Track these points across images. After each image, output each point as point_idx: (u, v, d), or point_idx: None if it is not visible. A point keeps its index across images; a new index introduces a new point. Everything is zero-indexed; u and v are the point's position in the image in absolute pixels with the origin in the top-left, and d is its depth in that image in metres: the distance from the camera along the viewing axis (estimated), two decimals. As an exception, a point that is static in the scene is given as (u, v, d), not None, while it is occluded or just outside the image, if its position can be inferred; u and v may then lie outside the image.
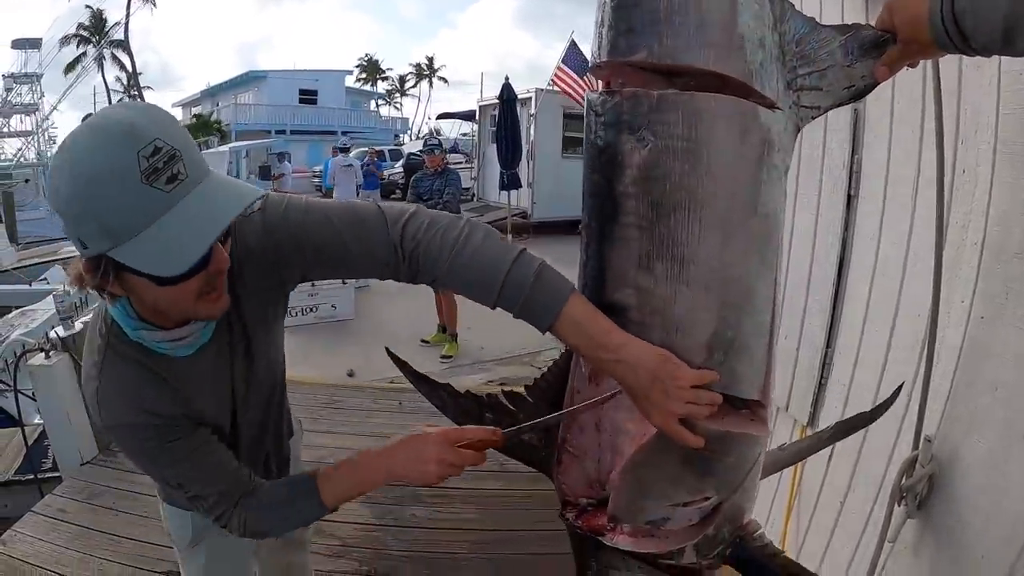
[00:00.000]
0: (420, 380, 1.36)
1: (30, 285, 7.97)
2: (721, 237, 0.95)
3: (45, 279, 8.27)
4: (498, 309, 1.03)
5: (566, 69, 11.38)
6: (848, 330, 1.77)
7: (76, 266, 0.95)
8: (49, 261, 9.63)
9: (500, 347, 6.57)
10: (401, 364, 1.41)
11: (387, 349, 1.55)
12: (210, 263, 0.92)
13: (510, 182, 11.10)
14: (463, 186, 17.41)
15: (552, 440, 1.22)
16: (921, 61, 0.96)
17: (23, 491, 3.54)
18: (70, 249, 10.50)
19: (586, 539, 1.17)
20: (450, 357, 6.25)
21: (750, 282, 0.99)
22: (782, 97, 0.95)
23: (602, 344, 0.97)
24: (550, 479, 1.25)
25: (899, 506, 1.28)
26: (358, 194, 11.92)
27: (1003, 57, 0.98)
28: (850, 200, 1.75)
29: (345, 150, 12.19)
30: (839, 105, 0.99)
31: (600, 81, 1.06)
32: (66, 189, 0.84)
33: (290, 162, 18.59)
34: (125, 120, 0.85)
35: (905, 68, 0.94)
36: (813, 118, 0.99)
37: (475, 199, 16.43)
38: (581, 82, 11.37)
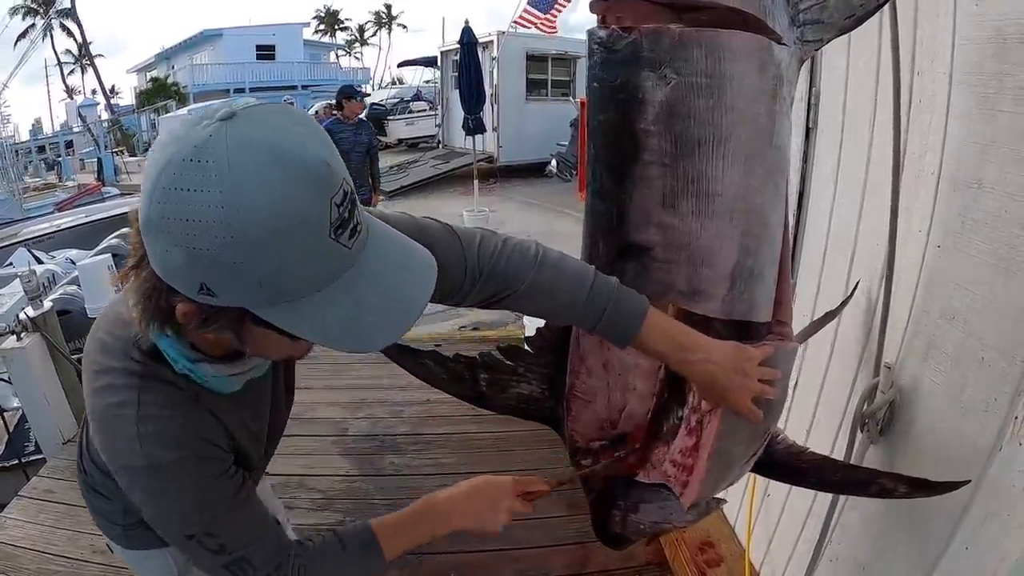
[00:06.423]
0: (403, 353, 1.28)
1: (-5, 271, 7.66)
2: (743, 169, 0.97)
3: (10, 263, 7.90)
4: None
5: (531, 9, 11.20)
6: (809, 259, 1.78)
7: (161, 298, 0.72)
8: (10, 244, 9.26)
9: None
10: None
11: None
12: None
13: (474, 127, 10.96)
14: (428, 134, 17.07)
15: (559, 391, 1.22)
16: None
17: (9, 476, 3.54)
18: (31, 230, 10.16)
19: (610, 482, 1.19)
20: None
21: (767, 211, 1.01)
22: (787, 33, 0.96)
23: (687, 346, 0.97)
24: (555, 430, 1.25)
25: (861, 432, 1.31)
26: None
27: None
28: (808, 132, 1.74)
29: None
30: (842, 34, 1.00)
31: (597, 15, 1.03)
32: (218, 233, 0.61)
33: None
34: (317, 155, 0.65)
35: None
36: (816, 50, 1.01)
37: (440, 146, 16.30)
38: (545, 18, 11.19)
